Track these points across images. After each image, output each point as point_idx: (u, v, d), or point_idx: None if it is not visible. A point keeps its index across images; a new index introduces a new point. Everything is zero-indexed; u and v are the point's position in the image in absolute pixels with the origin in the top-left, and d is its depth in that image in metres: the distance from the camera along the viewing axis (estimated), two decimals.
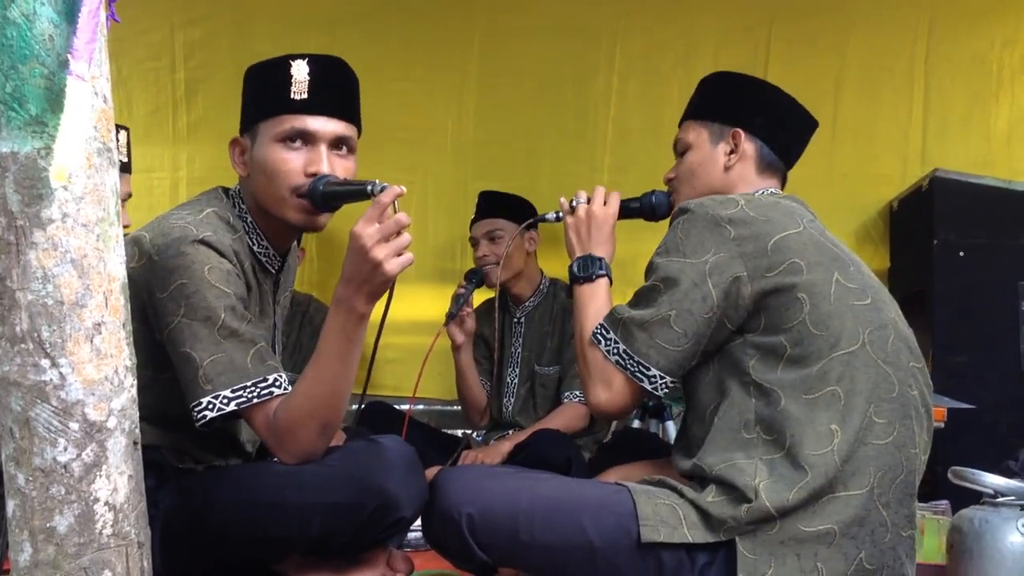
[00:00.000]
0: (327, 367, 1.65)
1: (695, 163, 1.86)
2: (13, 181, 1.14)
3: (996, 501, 1.87)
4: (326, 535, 1.69)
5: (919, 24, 3.40)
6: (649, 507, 1.54)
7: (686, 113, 1.93)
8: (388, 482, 1.68)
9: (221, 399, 1.62)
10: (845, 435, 1.51)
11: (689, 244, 1.63)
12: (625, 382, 1.65)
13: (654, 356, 1.61)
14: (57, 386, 1.17)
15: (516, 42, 3.52)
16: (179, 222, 1.69)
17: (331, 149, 1.76)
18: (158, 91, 3.42)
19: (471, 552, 1.58)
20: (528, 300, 3.16)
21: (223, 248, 1.69)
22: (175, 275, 1.63)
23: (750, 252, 1.59)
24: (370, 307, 1.64)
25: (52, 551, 1.18)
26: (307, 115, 1.73)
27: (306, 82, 1.73)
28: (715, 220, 1.62)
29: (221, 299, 1.64)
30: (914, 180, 3.29)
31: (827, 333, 1.55)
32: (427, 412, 3.34)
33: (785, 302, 1.57)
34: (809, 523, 1.49)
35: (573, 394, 2.95)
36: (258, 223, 1.82)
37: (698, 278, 1.59)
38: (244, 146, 1.81)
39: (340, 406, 1.69)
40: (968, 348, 2.94)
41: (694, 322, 1.59)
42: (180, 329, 1.63)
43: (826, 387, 1.54)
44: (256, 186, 1.79)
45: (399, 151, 3.48)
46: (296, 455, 1.67)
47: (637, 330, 1.62)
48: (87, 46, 1.15)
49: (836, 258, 1.63)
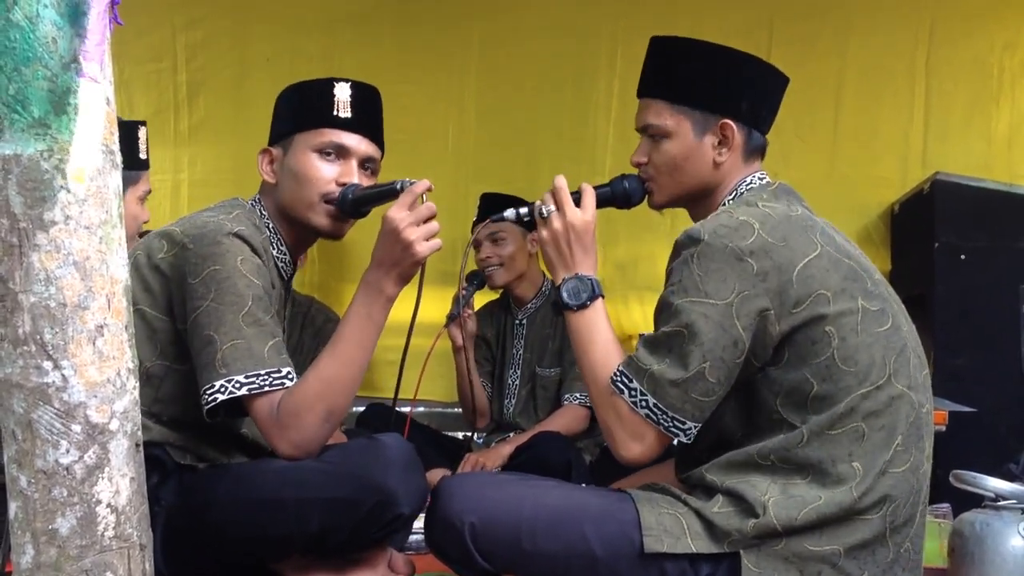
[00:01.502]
0: (345, 349, 1.72)
1: (678, 156, 1.70)
2: (16, 183, 1.14)
3: (997, 504, 1.87)
4: (325, 532, 1.69)
5: (920, 27, 3.40)
6: (652, 516, 1.52)
7: (651, 87, 1.74)
8: (387, 479, 1.68)
9: (234, 383, 1.66)
10: (868, 472, 1.49)
11: (710, 282, 1.51)
12: (658, 435, 1.55)
13: (689, 410, 1.52)
14: (59, 388, 1.17)
15: (516, 44, 3.52)
16: (212, 217, 1.77)
17: (360, 167, 1.88)
18: (160, 93, 3.42)
19: (473, 560, 1.57)
20: (530, 302, 3.17)
21: (255, 243, 1.76)
22: (209, 262, 1.69)
23: (775, 287, 1.50)
24: (398, 289, 1.74)
25: (54, 553, 1.18)
26: (345, 131, 1.86)
27: (348, 102, 1.86)
28: (735, 253, 1.51)
29: (251, 288, 1.70)
30: (915, 183, 3.29)
31: (856, 368, 1.50)
32: (428, 414, 3.34)
33: (812, 336, 1.51)
34: (816, 543, 1.48)
35: (573, 396, 2.95)
36: (279, 230, 1.91)
37: (725, 321, 1.49)
38: (275, 156, 1.91)
39: (349, 393, 1.73)
40: (969, 351, 2.94)
41: (726, 369, 1.51)
42: (207, 312, 1.68)
43: (851, 423, 1.50)
44: (285, 192, 1.88)
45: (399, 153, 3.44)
46: (297, 444, 1.68)
47: (669, 386, 1.51)
48: (97, 48, 1.16)
49: (855, 276, 1.57)
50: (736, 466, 1.55)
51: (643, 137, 1.76)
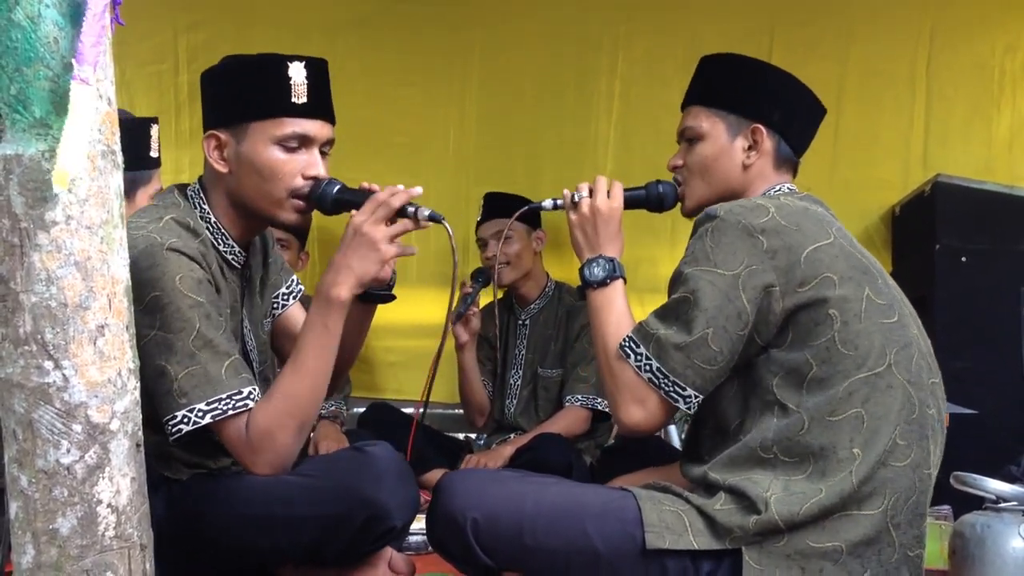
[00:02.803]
0: (305, 361, 1.67)
1: (710, 157, 1.77)
2: (17, 183, 1.14)
3: (998, 506, 1.86)
4: (317, 546, 1.68)
5: (921, 30, 3.40)
6: (654, 513, 1.53)
7: (694, 96, 1.84)
8: (378, 492, 1.68)
9: (196, 412, 1.61)
10: (867, 458, 1.50)
11: (720, 253, 1.56)
12: (660, 401, 1.59)
13: (691, 376, 1.55)
14: (60, 388, 1.17)
15: (517, 48, 3.52)
16: (141, 232, 1.65)
17: (319, 151, 1.78)
18: (161, 94, 3.42)
19: (474, 556, 1.57)
20: (534, 302, 3.17)
21: (191, 253, 1.67)
22: (148, 288, 1.60)
23: (783, 265, 1.54)
24: (350, 294, 1.67)
25: (55, 553, 1.18)
26: (307, 119, 1.74)
27: (304, 85, 1.73)
28: (747, 229, 1.56)
29: (195, 308, 1.63)
30: (916, 185, 3.29)
31: (855, 353, 1.52)
32: (429, 415, 3.32)
33: (815, 318, 1.53)
34: (818, 539, 1.49)
35: (575, 398, 2.95)
36: (223, 221, 1.80)
37: (731, 291, 1.54)
38: (223, 141, 1.76)
39: (316, 402, 1.69)
40: (970, 353, 2.93)
41: (729, 340, 1.54)
42: (156, 342, 1.61)
43: (851, 409, 1.51)
44: (243, 185, 1.76)
45: (400, 157, 3.49)
46: (271, 463, 1.66)
47: (673, 350, 1.55)
48: (92, 50, 1.15)
49: (866, 270, 1.60)
50: (739, 463, 1.55)
51: (681, 144, 1.84)
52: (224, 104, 1.78)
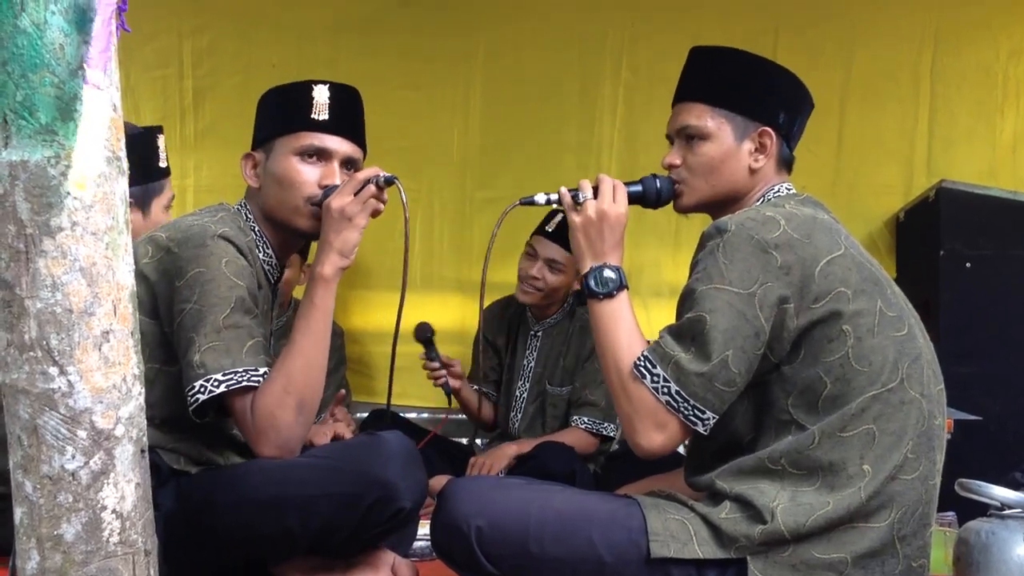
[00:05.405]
0: (297, 339, 1.75)
1: (716, 158, 1.72)
2: (23, 189, 1.15)
3: (1003, 513, 1.86)
4: (328, 529, 1.70)
5: (925, 35, 3.39)
6: (659, 522, 1.52)
7: (695, 92, 1.76)
8: (387, 472, 1.71)
9: (212, 381, 1.68)
10: (877, 475, 1.49)
11: (734, 271, 1.52)
12: (679, 425, 1.54)
13: (711, 400, 1.51)
14: (65, 394, 1.17)
15: (521, 51, 3.53)
16: (197, 221, 1.80)
17: (341, 167, 1.89)
18: (166, 99, 3.43)
19: (479, 564, 1.57)
20: (551, 316, 3.06)
21: (240, 244, 1.79)
22: (193, 264, 1.72)
23: (797, 281, 1.52)
24: (334, 268, 1.77)
25: (59, 559, 1.18)
26: (325, 134, 1.86)
27: (326, 105, 1.87)
28: (760, 245, 1.52)
29: (234, 290, 1.73)
30: (920, 191, 3.28)
31: (869, 369, 1.51)
32: (432, 420, 3.33)
33: (828, 334, 1.52)
34: (823, 550, 1.48)
35: (582, 420, 2.88)
36: (264, 233, 1.92)
37: (748, 310, 1.50)
38: (257, 160, 1.91)
39: (314, 383, 1.75)
40: (974, 359, 2.92)
41: (747, 360, 1.51)
42: (190, 315, 1.71)
43: (862, 425, 1.50)
44: (268, 196, 1.89)
45: (404, 160, 3.48)
46: (277, 443, 1.70)
47: (694, 374, 1.51)
48: (102, 55, 1.16)
49: (876, 281, 1.58)
50: (746, 472, 1.55)
51: (677, 140, 1.78)
52: (259, 126, 1.95)
